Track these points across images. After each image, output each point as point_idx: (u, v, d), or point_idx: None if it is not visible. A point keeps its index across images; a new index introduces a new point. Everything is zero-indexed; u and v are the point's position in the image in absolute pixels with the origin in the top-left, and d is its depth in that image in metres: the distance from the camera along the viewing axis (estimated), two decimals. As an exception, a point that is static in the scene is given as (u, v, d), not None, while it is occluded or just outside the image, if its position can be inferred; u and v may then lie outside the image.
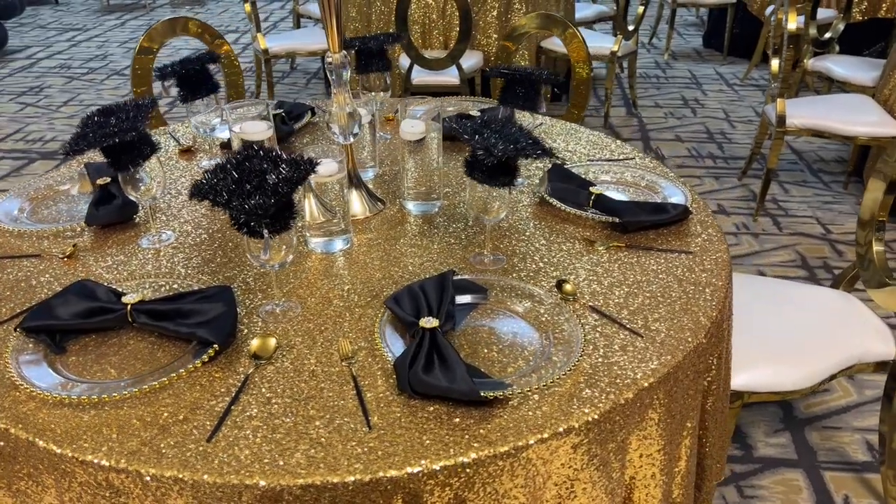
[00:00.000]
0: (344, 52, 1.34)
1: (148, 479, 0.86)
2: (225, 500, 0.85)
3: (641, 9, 4.07)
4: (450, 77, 3.62)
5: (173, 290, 1.18)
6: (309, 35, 4.50)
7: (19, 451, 0.92)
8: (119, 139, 1.19)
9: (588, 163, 1.67)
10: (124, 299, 1.09)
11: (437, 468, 0.86)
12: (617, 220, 1.36)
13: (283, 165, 1.03)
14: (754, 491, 1.79)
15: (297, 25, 5.25)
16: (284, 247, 1.08)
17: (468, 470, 0.87)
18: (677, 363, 1.03)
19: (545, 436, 0.91)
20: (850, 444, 1.93)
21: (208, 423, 0.92)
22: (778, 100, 2.93)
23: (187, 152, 1.76)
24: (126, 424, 0.92)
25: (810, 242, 2.95)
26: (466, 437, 0.90)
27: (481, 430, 0.91)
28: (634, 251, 1.31)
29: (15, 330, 1.07)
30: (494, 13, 3.98)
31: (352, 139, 1.41)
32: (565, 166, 1.63)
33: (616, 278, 1.23)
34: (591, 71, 2.35)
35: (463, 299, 1.16)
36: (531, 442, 0.90)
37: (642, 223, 1.36)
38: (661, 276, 1.23)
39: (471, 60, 3.79)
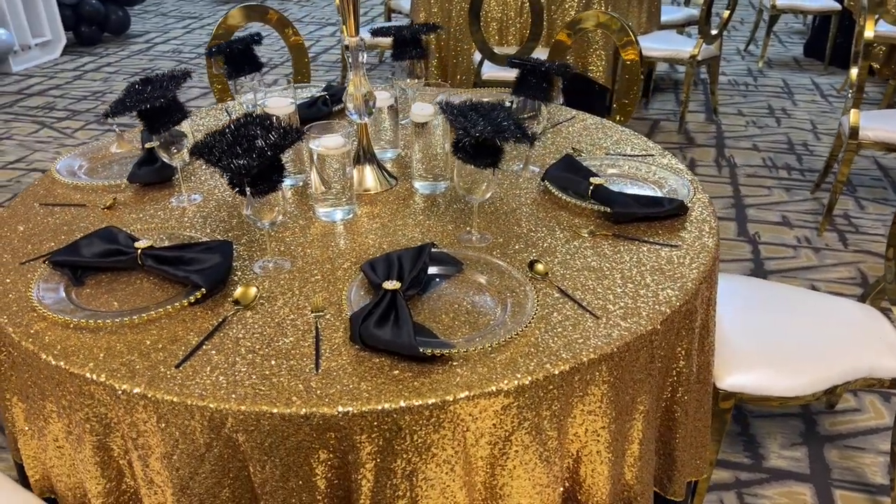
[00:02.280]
0: (360, 36, 1.44)
1: (120, 392, 0.99)
2: (180, 417, 0.97)
3: (727, 13, 3.96)
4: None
5: (185, 241, 1.32)
6: (394, 28, 4.65)
7: (28, 362, 1.08)
8: (150, 105, 1.34)
9: (605, 156, 1.70)
10: (136, 244, 1.23)
11: (367, 410, 0.94)
12: (608, 210, 1.40)
13: (273, 133, 1.14)
14: (755, 500, 1.76)
15: (388, 19, 5.43)
16: (271, 207, 1.19)
17: (394, 415, 0.95)
18: (624, 344, 1.07)
19: (473, 393, 0.97)
20: (869, 466, 1.86)
21: (181, 352, 1.05)
22: (852, 110, 2.81)
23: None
24: (113, 347, 1.06)
25: (875, 261, 2.81)
26: (400, 387, 0.98)
27: (415, 383, 0.98)
28: (620, 241, 1.34)
29: (44, 262, 1.24)
30: (572, 13, 3.99)
31: (367, 118, 1.51)
32: (579, 158, 1.66)
33: (590, 264, 1.27)
34: (642, 74, 2.35)
35: (438, 270, 1.24)
36: (460, 397, 0.97)
37: (633, 215, 1.39)
38: (636, 265, 1.26)
39: (542, 57, 3.81)
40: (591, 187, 1.45)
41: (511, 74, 2.20)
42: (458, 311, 1.14)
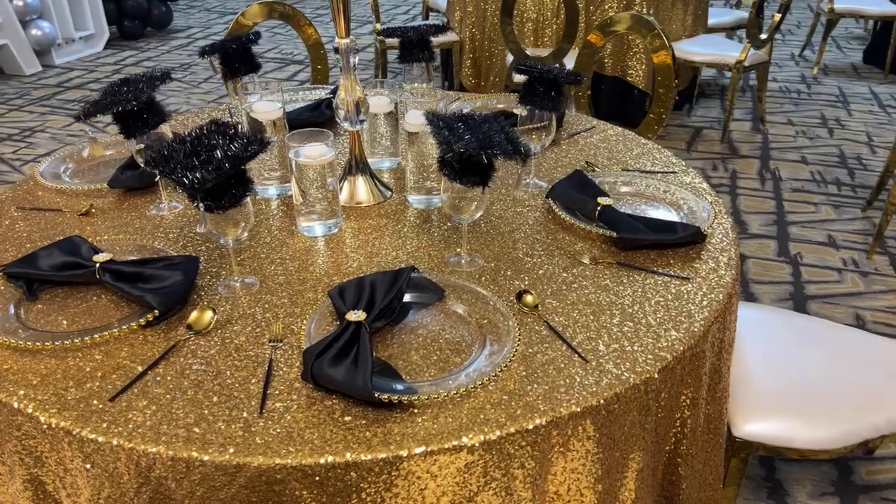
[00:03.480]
0: (351, 37, 1.33)
1: (45, 427, 0.90)
2: (106, 458, 0.87)
3: (777, 16, 3.74)
4: (553, 77, 3.52)
5: (152, 254, 1.23)
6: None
7: (-37, 384, 1.00)
8: (122, 107, 1.26)
9: (622, 172, 1.56)
10: (95, 257, 1.15)
11: (307, 464, 0.83)
12: (614, 234, 1.26)
13: (235, 143, 1.04)
14: (778, 555, 1.60)
15: (426, 18, 5.33)
16: (235, 223, 1.09)
17: (339, 470, 0.84)
18: (613, 395, 0.94)
19: (431, 448, 0.85)
20: (909, 523, 1.67)
21: (120, 383, 0.95)
22: (909, 124, 2.58)
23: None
24: (51, 373, 0.97)
25: (929, 289, 2.58)
26: (349, 437, 0.86)
27: (367, 433, 0.87)
28: (625, 270, 1.21)
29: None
30: (612, 14, 3.81)
31: (359, 126, 1.40)
32: (592, 173, 1.53)
33: (588, 296, 1.13)
34: (675, 80, 2.19)
35: (416, 297, 1.12)
36: (416, 452, 0.85)
37: (641, 241, 1.25)
38: (639, 300, 1.12)
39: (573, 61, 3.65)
40: (599, 208, 1.31)
41: None
42: (431, 348, 1.02)
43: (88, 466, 0.88)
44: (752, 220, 3.09)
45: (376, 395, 0.89)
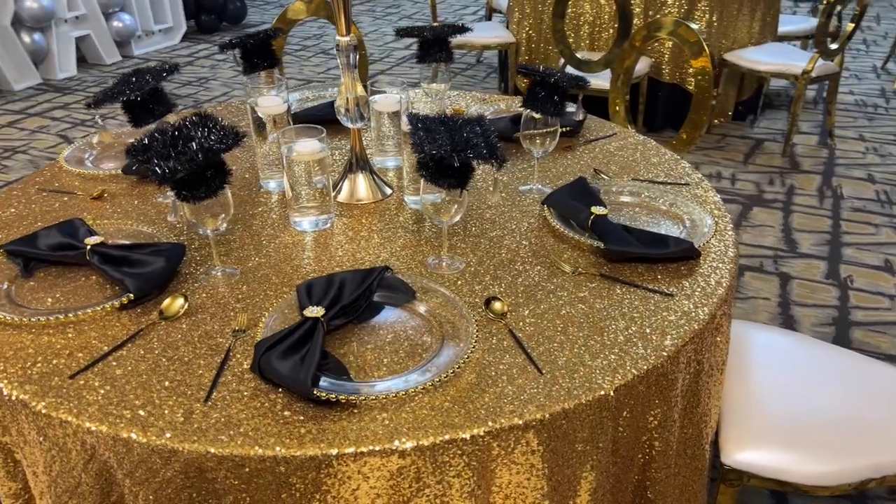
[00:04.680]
0: (352, 35, 1.34)
1: (7, 398, 0.94)
2: (57, 433, 0.91)
3: (850, 26, 3.54)
4: (605, 81, 3.44)
5: (144, 240, 1.27)
6: (488, 28, 4.53)
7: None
8: (128, 97, 1.31)
9: (631, 181, 1.51)
10: (87, 240, 1.20)
11: (236, 455, 0.84)
12: (601, 245, 1.22)
13: (212, 134, 1.06)
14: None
15: (489, 18, 5.31)
16: (213, 213, 1.11)
17: (268, 464, 0.84)
18: (561, 410, 0.91)
19: (361, 450, 0.85)
20: (929, 574, 1.55)
21: (84, 361, 0.99)
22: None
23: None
24: (24, 348, 1.02)
25: None
26: (283, 432, 0.87)
27: (301, 430, 0.87)
28: (607, 282, 1.17)
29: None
30: (672, 17, 3.70)
31: (360, 124, 1.41)
32: (600, 181, 1.49)
33: (561, 307, 1.10)
34: (710, 87, 2.10)
35: (386, 298, 1.11)
36: (345, 452, 0.85)
37: (629, 254, 1.21)
38: (612, 314, 1.09)
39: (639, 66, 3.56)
40: (592, 218, 1.28)
41: (595, 82, 2.05)
42: (387, 349, 1.02)
43: (41, 440, 0.92)
44: (804, 238, 2.94)
45: (315, 393, 0.89)
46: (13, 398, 0.93)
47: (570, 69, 3.53)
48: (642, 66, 3.69)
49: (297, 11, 2.54)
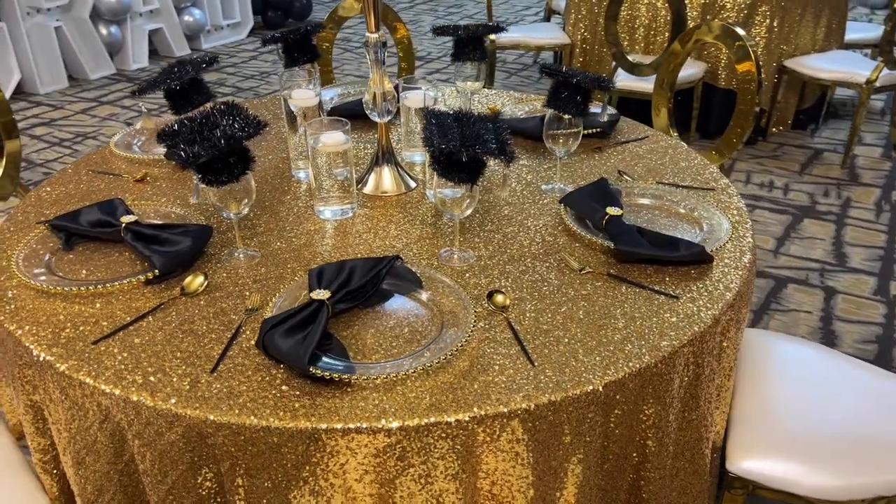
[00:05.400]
0: (381, 31, 1.39)
1: (37, 359, 1.02)
2: (74, 392, 0.98)
3: (920, 34, 3.40)
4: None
5: (180, 221, 1.35)
6: (544, 30, 4.53)
7: (-8, 315, 1.16)
8: (169, 86, 1.39)
9: (654, 185, 1.51)
10: (123, 218, 1.28)
11: (232, 423, 0.90)
12: (611, 245, 1.23)
13: (236, 123, 1.12)
14: None
15: (548, 19, 5.30)
16: (236, 197, 1.18)
17: (261, 433, 0.89)
18: (548, 402, 0.93)
19: (349, 426, 0.89)
20: None
21: (107, 330, 1.06)
22: None
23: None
24: (56, 314, 1.10)
25: None
26: (278, 405, 0.92)
27: (296, 404, 0.92)
28: (613, 282, 1.18)
29: (39, 223, 1.32)
30: (730, 22, 3.62)
31: (387, 118, 1.46)
32: (622, 182, 1.49)
33: (563, 303, 1.12)
34: (755, 92, 2.06)
35: (395, 286, 1.15)
36: (334, 427, 0.89)
37: (638, 255, 1.21)
38: (613, 312, 1.10)
39: (686, 71, 3.51)
40: (606, 218, 1.29)
41: (646, 86, 2.03)
42: (387, 334, 1.06)
43: (63, 398, 1.00)
44: (855, 253, 2.84)
45: (311, 370, 0.94)
46: (41, 359, 1.01)
47: (620, 72, 3.51)
48: (697, 70, 3.63)
49: (349, 9, 2.62)
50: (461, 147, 1.08)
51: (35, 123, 4.40)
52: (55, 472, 1.17)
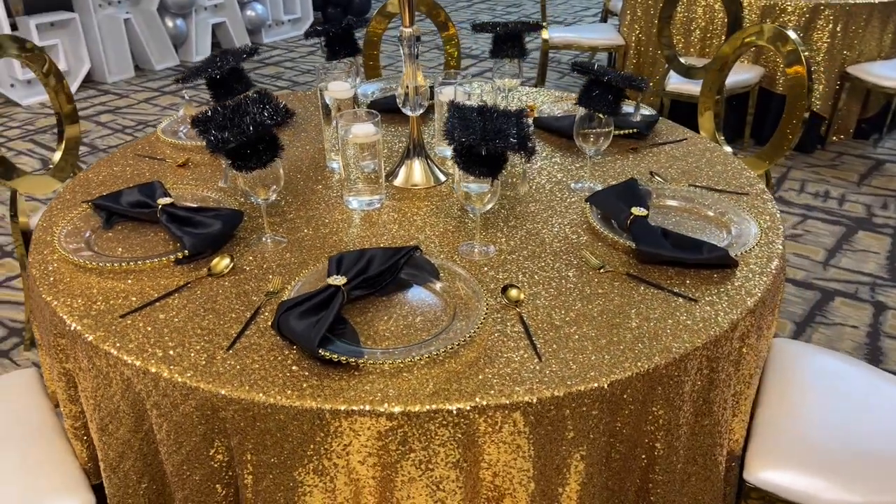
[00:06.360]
0: (416, 26, 1.41)
1: (69, 329, 1.08)
2: (99, 361, 1.03)
3: None
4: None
5: (215, 205, 1.40)
6: (599, 30, 4.48)
7: (33, 287, 1.22)
8: (209, 75, 1.44)
9: (687, 187, 1.49)
10: (159, 200, 1.33)
11: (241, 398, 0.93)
12: (633, 246, 1.22)
13: (265, 111, 1.16)
14: None
15: (605, 20, 5.24)
16: (264, 183, 1.21)
17: (268, 410, 0.92)
18: (551, 396, 0.93)
19: (351, 408, 0.91)
20: None
21: (136, 304, 1.12)
22: None
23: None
24: (90, 287, 1.16)
25: None
26: (286, 384, 0.95)
27: (304, 384, 0.95)
28: (632, 282, 1.17)
29: (84, 202, 1.39)
30: (790, 26, 3.52)
31: (419, 111, 1.48)
32: (654, 183, 1.47)
33: (578, 300, 1.12)
34: (803, 96, 2.01)
35: (413, 276, 1.17)
36: (339, 409, 0.91)
37: (660, 256, 1.20)
38: (628, 312, 1.09)
39: (742, 75, 3.43)
40: (631, 218, 1.28)
41: (697, 89, 2.01)
42: (400, 322, 1.07)
43: (90, 367, 1.05)
44: (911, 268, 2.73)
45: (320, 352, 0.96)
46: (73, 329, 1.07)
47: (673, 75, 3.45)
48: (753, 75, 3.53)
49: (397, 5, 2.65)
50: (481, 140, 1.09)
51: (101, 111, 4.59)
52: (85, 438, 1.23)
